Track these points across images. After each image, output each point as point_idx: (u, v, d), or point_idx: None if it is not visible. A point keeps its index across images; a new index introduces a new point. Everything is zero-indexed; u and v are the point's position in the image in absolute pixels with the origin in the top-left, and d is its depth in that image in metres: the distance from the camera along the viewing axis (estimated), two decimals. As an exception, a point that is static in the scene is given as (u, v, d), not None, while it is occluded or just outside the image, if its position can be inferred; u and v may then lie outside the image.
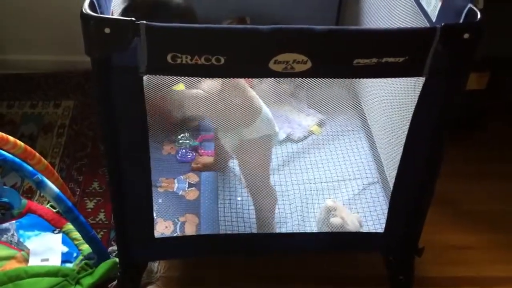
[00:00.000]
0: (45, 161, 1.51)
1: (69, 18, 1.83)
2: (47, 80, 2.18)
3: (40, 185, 1.29)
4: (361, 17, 1.77)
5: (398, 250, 1.36)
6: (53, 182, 1.34)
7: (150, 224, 1.26)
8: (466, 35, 0.98)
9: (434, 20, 1.16)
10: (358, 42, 0.99)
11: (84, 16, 0.93)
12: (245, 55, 0.98)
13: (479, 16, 1.00)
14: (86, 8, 0.93)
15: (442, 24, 0.98)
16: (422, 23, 1.22)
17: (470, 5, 1.03)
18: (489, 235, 1.63)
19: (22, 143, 1.44)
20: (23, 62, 2.20)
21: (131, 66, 0.97)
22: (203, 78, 1.17)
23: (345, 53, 0.99)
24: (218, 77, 1.06)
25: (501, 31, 1.47)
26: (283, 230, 1.44)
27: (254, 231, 1.43)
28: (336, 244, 1.36)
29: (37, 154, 1.49)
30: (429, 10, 1.19)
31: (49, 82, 2.17)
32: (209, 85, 1.23)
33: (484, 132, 1.96)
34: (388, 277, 1.43)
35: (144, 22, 0.92)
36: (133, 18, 0.93)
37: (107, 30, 0.92)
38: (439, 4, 1.14)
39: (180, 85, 1.63)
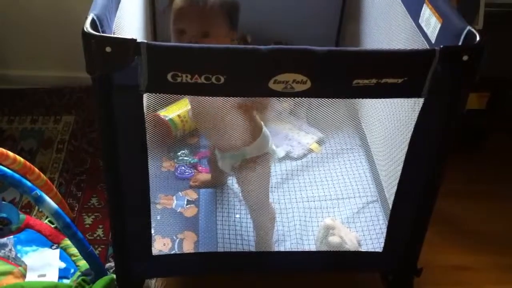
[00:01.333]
0: (44, 177, 1.51)
1: (71, 35, 1.84)
2: (49, 95, 2.18)
3: (39, 200, 1.29)
4: (360, 37, 1.78)
5: (397, 270, 1.35)
6: (51, 198, 1.33)
7: (148, 241, 1.25)
8: (465, 57, 0.99)
9: (433, 41, 1.17)
10: (358, 63, 1.00)
11: (86, 35, 0.93)
12: (245, 74, 0.98)
13: (478, 38, 1.01)
14: (87, 27, 0.94)
15: (441, 46, 0.98)
16: (421, 44, 1.23)
17: (469, 27, 1.04)
18: (489, 255, 1.62)
19: (21, 159, 1.44)
20: (25, 78, 2.21)
21: (131, 84, 0.97)
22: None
23: (344, 74, 1.00)
24: (218, 96, 1.06)
25: (501, 51, 1.47)
26: (282, 248, 1.44)
27: (253, 249, 1.43)
28: (335, 263, 1.35)
29: (36, 169, 1.48)
30: (428, 31, 1.20)
31: (51, 98, 2.17)
32: None
33: (484, 151, 1.96)
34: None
35: (145, 41, 0.93)
36: (134, 37, 0.93)
37: (108, 49, 0.93)
38: (439, 25, 1.14)
39: (169, 109, 1.64)
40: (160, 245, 1.41)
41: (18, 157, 1.43)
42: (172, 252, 1.39)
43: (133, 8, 1.40)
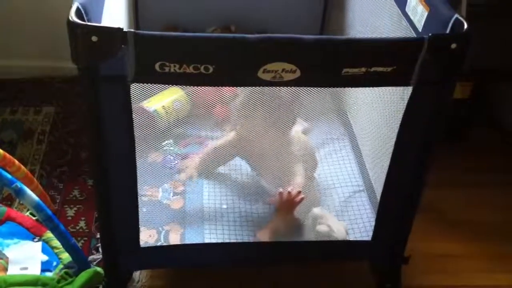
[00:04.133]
0: (25, 169, 1.49)
1: (51, 24, 1.81)
2: (29, 86, 2.14)
3: (19, 193, 1.27)
4: (345, 25, 1.78)
5: (385, 258, 1.36)
6: (32, 190, 1.32)
7: (136, 233, 1.25)
8: (453, 45, 0.99)
9: (420, 30, 1.17)
10: (347, 51, 0.99)
11: (71, 24, 0.91)
12: (233, 64, 0.97)
13: (465, 26, 1.01)
14: (72, 16, 0.92)
15: (430, 34, 0.98)
16: (408, 32, 1.23)
17: (456, 15, 1.04)
18: (475, 243, 1.63)
19: (1, 151, 1.41)
20: (3, 68, 2.15)
21: (118, 75, 0.96)
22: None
23: (334, 63, 0.99)
24: (207, 86, 1.05)
25: (484, 42, 1.48)
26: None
27: (240, 240, 1.42)
28: (323, 252, 1.36)
29: (16, 161, 1.46)
30: (415, 19, 1.19)
31: (30, 88, 2.13)
32: None
33: (467, 140, 1.98)
34: (375, 285, 1.44)
35: (132, 30, 0.92)
36: (120, 26, 0.91)
37: (94, 39, 0.91)
38: (426, 14, 1.14)
39: (152, 100, 1.61)
40: (146, 237, 1.39)
41: (-2, 149, 1.40)
42: (159, 244, 1.38)
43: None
